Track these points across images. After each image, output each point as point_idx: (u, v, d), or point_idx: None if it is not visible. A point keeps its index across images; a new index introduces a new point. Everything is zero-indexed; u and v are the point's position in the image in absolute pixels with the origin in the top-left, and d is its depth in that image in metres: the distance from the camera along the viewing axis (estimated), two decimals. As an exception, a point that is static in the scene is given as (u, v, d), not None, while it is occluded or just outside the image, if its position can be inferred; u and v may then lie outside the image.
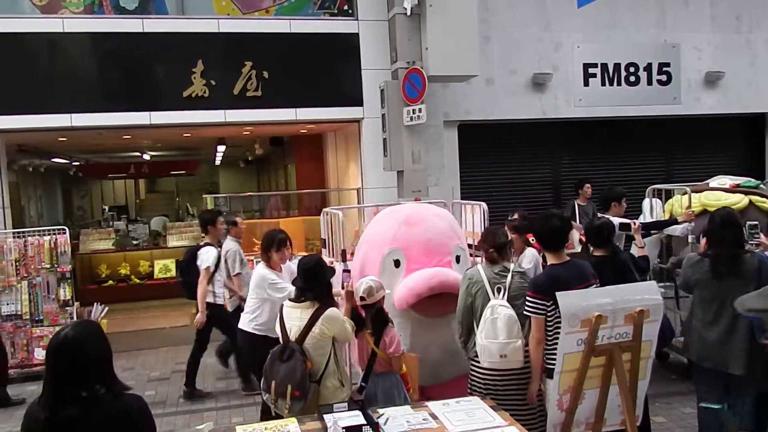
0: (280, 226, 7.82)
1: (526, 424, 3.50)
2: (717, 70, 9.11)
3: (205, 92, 7.61)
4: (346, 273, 4.14)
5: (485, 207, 5.13)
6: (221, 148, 13.51)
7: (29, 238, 6.99)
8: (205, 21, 7.65)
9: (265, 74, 7.75)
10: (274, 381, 3.61)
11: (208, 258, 5.76)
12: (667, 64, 9.01)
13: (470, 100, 8.42)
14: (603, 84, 8.84)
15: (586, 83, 8.80)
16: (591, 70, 8.80)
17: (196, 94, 7.60)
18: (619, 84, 8.88)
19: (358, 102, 8.06)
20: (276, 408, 3.66)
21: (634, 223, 5.31)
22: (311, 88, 7.92)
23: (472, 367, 3.97)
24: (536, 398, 3.69)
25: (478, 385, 3.89)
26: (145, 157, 15.72)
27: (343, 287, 4.02)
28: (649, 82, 8.97)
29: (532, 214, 5.99)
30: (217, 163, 17.70)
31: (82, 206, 18.90)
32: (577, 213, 7.59)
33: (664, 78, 9.02)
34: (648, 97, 8.97)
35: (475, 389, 3.91)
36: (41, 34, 7.29)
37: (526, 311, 3.63)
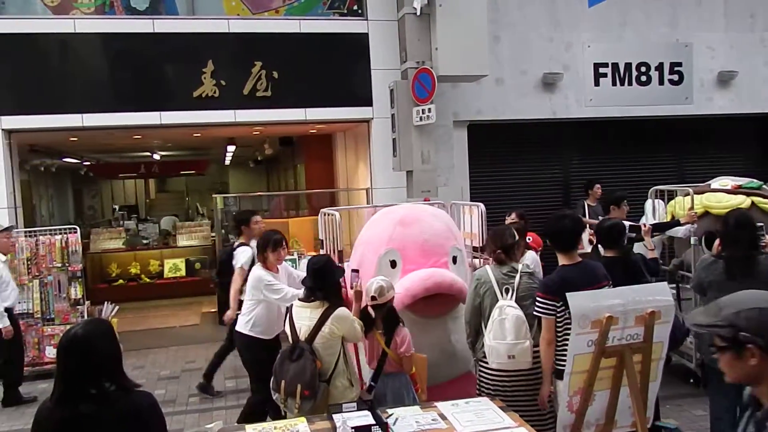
0: (289, 226, 7.88)
1: (536, 425, 3.49)
2: (730, 70, 9.02)
3: (215, 92, 7.63)
4: (355, 273, 4.13)
5: (483, 208, 5.08)
6: (231, 148, 13.55)
7: (41, 237, 7.04)
8: (215, 21, 7.67)
9: (275, 74, 7.77)
10: (283, 380, 3.61)
11: (242, 257, 5.79)
12: (679, 64, 8.94)
13: (480, 100, 8.39)
14: (614, 84, 8.78)
15: (597, 83, 8.74)
16: (602, 70, 8.75)
17: (206, 94, 7.62)
18: (630, 84, 8.82)
19: (367, 102, 8.06)
20: (285, 407, 3.66)
21: (644, 225, 5.27)
22: (321, 88, 7.92)
23: (481, 367, 3.96)
24: (548, 402, 3.68)
25: (487, 385, 3.88)
26: (156, 156, 15.78)
27: (351, 287, 4.01)
28: (661, 82, 8.90)
29: (529, 214, 5.98)
30: (227, 162, 17.74)
31: (93, 206, 19.02)
32: (587, 213, 7.56)
33: (675, 78, 8.95)
34: (659, 97, 8.90)
35: (483, 390, 3.90)
36: (53, 34, 7.35)
37: (536, 312, 3.62)
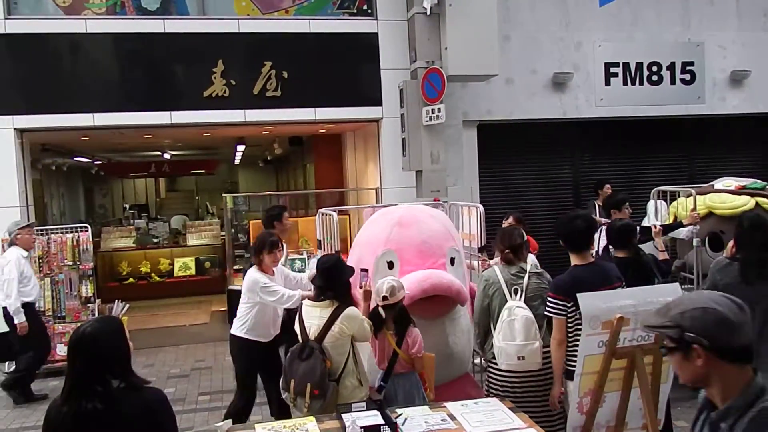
0: (298, 226, 7.87)
1: (545, 426, 3.48)
2: (742, 69, 8.95)
3: (225, 92, 7.66)
4: (364, 272, 4.12)
5: (481, 209, 5.06)
6: (241, 148, 13.58)
7: (52, 236, 7.09)
8: (225, 21, 7.70)
9: (285, 74, 7.78)
10: (293, 379, 3.62)
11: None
12: (691, 63, 8.87)
13: (490, 99, 8.37)
14: (625, 83, 8.73)
15: (608, 83, 8.69)
16: (612, 70, 8.70)
17: (216, 94, 7.65)
18: (642, 83, 8.76)
19: (377, 102, 8.06)
20: (295, 406, 3.66)
21: (655, 227, 5.23)
22: (330, 87, 7.93)
23: (490, 368, 3.95)
24: (558, 403, 3.66)
25: (496, 386, 3.87)
26: (166, 156, 15.86)
27: (360, 287, 4.01)
28: (672, 82, 8.84)
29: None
30: (237, 162, 17.80)
31: (104, 204, 19.12)
32: (598, 213, 7.52)
33: (687, 77, 8.88)
34: (671, 97, 8.83)
35: (492, 391, 3.89)
36: (64, 34, 7.39)
37: (547, 312, 3.60)
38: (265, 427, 3.17)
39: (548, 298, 3.61)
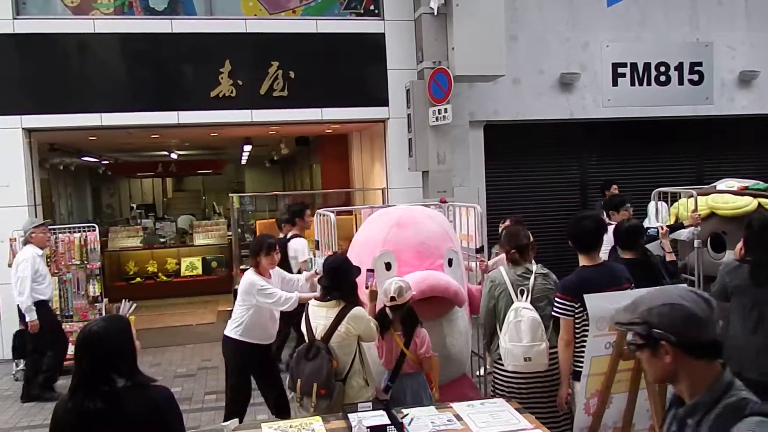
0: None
1: (552, 427, 3.46)
2: (751, 70, 8.91)
3: (232, 92, 7.68)
4: (370, 273, 4.12)
5: (479, 209, 5.03)
6: (247, 148, 13.61)
7: (60, 235, 7.11)
8: (232, 22, 7.72)
9: (292, 74, 7.79)
10: (299, 379, 3.61)
11: (304, 251, 5.75)
12: (699, 64, 8.84)
13: (496, 100, 8.36)
14: (632, 84, 8.71)
15: (615, 83, 8.67)
16: (620, 70, 8.68)
17: (223, 94, 7.67)
18: (649, 84, 8.73)
19: (383, 102, 8.06)
20: (302, 406, 3.66)
21: (662, 228, 5.20)
22: (337, 88, 7.94)
23: (496, 369, 3.94)
24: (565, 404, 3.64)
25: (502, 387, 3.86)
26: (173, 156, 15.91)
27: (366, 287, 4.00)
28: (681, 82, 8.80)
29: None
30: (243, 162, 17.84)
31: (111, 204, 19.21)
32: (605, 215, 7.48)
33: (695, 78, 8.85)
34: (679, 97, 8.80)
35: (498, 391, 3.87)
36: (72, 34, 7.43)
37: (555, 312, 3.59)
38: (272, 426, 3.17)
39: (555, 299, 3.59)
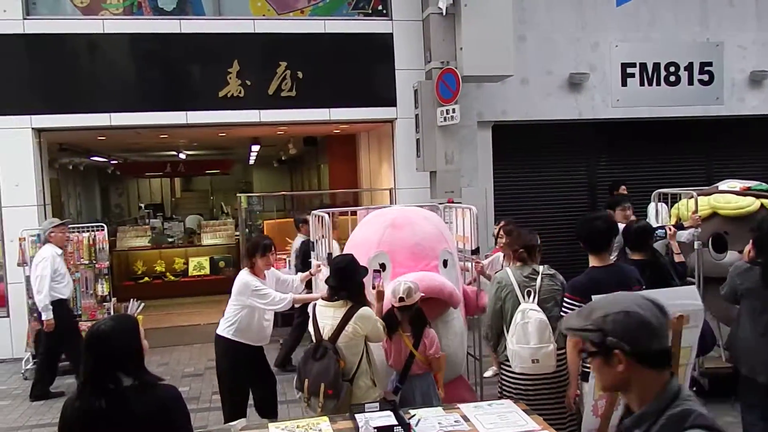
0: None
1: (559, 428, 3.44)
2: (762, 70, 8.83)
3: (240, 92, 7.69)
4: (377, 273, 4.12)
5: (475, 211, 5.01)
6: (255, 148, 13.64)
7: (69, 235, 7.13)
8: (241, 22, 7.73)
9: (300, 74, 7.80)
10: (307, 379, 3.62)
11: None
12: (710, 64, 8.77)
13: (505, 100, 8.33)
14: (642, 84, 8.65)
15: (624, 83, 8.62)
16: (629, 70, 8.62)
17: (231, 94, 7.69)
18: (659, 84, 8.67)
19: (391, 102, 8.05)
20: (309, 406, 3.66)
21: (670, 228, 5.16)
22: (345, 88, 7.94)
23: (503, 370, 3.93)
24: (574, 404, 3.62)
25: (509, 389, 3.85)
26: (181, 156, 15.96)
27: (373, 287, 3.99)
28: (690, 82, 8.74)
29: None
30: (251, 162, 17.89)
31: (120, 204, 19.29)
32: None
33: (706, 78, 8.78)
34: (689, 98, 8.74)
35: (506, 393, 3.86)
36: (82, 35, 7.47)
37: (563, 313, 3.57)
38: (279, 426, 3.17)
39: (564, 299, 3.58)
